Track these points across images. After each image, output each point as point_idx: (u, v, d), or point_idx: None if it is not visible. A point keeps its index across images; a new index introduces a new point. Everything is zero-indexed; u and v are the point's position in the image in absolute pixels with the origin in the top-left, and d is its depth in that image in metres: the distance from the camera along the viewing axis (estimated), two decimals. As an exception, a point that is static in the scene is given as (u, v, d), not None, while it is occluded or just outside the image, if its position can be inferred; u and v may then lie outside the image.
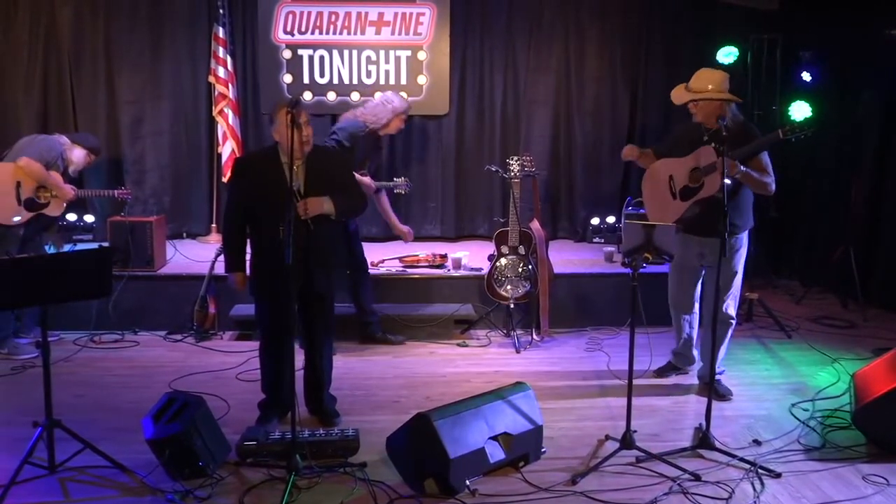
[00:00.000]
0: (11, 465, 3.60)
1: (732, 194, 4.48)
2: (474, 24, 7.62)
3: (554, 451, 4.04)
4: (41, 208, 5.45)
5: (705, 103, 4.60)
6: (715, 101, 4.56)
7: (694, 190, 4.61)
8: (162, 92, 7.41)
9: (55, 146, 5.59)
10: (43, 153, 5.47)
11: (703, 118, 4.65)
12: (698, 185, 4.59)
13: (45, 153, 5.48)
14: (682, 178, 4.67)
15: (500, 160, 6.97)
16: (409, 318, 6.02)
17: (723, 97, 4.57)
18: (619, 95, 7.68)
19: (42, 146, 5.54)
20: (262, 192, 4.08)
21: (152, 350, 5.72)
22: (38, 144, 5.55)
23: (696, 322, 5.05)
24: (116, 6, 7.26)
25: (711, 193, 4.48)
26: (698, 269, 4.86)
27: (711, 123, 4.59)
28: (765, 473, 3.80)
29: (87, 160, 5.80)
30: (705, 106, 4.61)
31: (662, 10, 7.64)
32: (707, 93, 4.59)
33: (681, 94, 4.71)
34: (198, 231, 7.64)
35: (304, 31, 7.44)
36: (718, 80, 4.61)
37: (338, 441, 3.91)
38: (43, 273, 3.68)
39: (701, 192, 4.57)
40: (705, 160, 4.52)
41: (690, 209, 4.64)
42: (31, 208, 5.40)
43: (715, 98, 4.56)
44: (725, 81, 4.63)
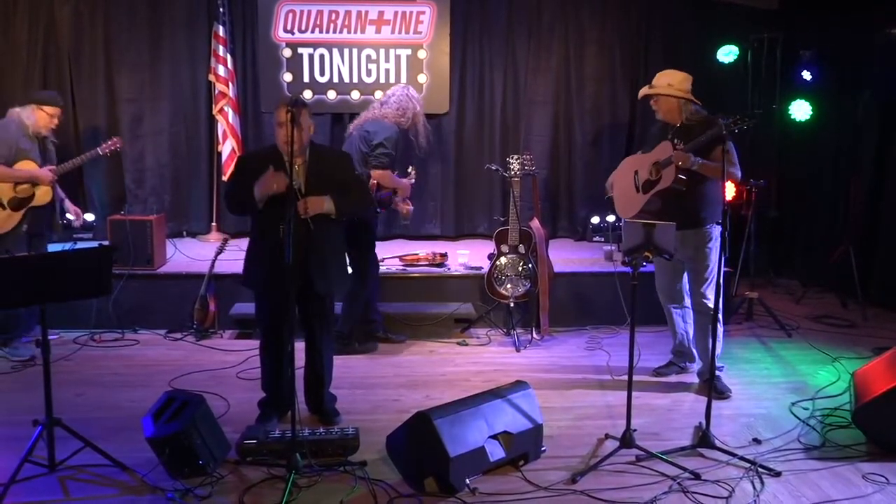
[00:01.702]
0: (11, 464, 3.60)
1: (696, 186, 4.64)
2: (474, 23, 7.63)
3: (554, 449, 4.04)
4: (29, 203, 5.28)
5: (664, 100, 4.79)
6: (672, 98, 4.74)
7: (653, 183, 4.77)
8: (162, 91, 7.42)
9: (2, 134, 5.26)
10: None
11: (663, 114, 4.84)
12: (657, 178, 4.74)
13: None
14: (644, 172, 4.84)
15: (500, 159, 6.98)
16: (409, 317, 6.02)
17: (679, 95, 4.73)
18: (619, 95, 7.69)
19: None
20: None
21: (152, 349, 5.72)
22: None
23: (691, 316, 5.07)
24: (115, 5, 7.27)
25: (667, 185, 4.64)
26: (678, 260, 4.89)
27: (673, 120, 4.80)
28: (765, 472, 3.80)
29: (44, 114, 5.35)
30: (664, 103, 4.79)
31: (662, 9, 7.65)
32: (664, 89, 4.75)
33: (644, 90, 4.90)
34: (198, 230, 7.64)
35: (305, 29, 7.44)
36: (679, 80, 4.79)
37: (338, 440, 3.91)
38: (43, 272, 3.67)
39: (658, 185, 4.72)
40: (663, 154, 4.69)
41: (652, 201, 4.77)
42: (19, 207, 5.25)
43: (671, 95, 4.73)
44: (686, 82, 4.79)
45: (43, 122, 5.35)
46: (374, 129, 5.36)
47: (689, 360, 5.19)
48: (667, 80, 4.78)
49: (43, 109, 5.33)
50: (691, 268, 4.87)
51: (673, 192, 4.61)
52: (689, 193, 4.64)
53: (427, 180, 7.74)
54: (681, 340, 5.14)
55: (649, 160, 4.78)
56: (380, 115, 5.46)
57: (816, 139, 7.46)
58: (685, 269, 4.93)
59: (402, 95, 5.56)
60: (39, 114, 5.32)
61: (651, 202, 4.77)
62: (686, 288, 5.01)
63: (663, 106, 4.81)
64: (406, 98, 5.54)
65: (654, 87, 4.80)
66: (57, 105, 5.42)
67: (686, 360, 5.19)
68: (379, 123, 5.40)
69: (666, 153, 4.65)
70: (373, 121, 5.43)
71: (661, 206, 4.72)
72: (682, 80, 4.77)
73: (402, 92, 5.60)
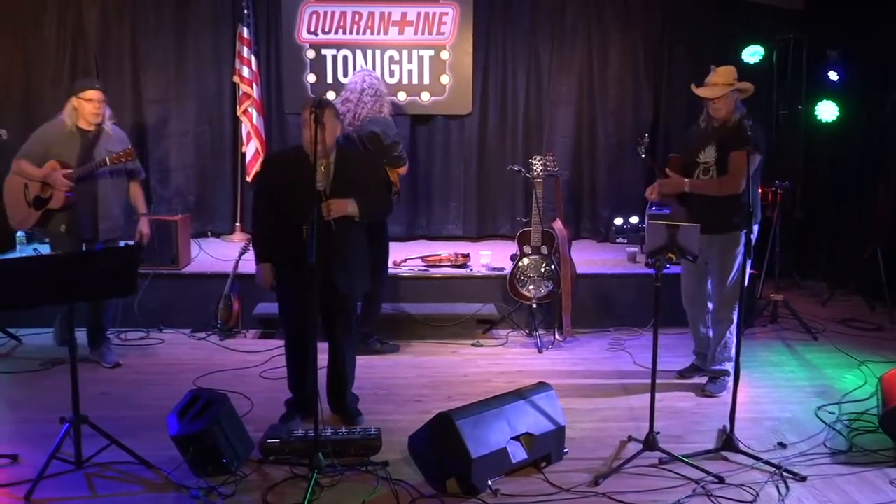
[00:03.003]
0: (39, 460, 3.65)
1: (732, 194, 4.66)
2: (497, 23, 7.62)
3: (576, 451, 4.03)
4: (46, 204, 5.05)
5: (728, 98, 4.70)
6: (735, 91, 4.71)
7: None
8: (187, 92, 7.47)
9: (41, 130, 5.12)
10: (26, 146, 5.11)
11: (724, 114, 4.74)
12: None
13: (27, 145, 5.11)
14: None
15: (523, 160, 6.96)
16: (431, 318, 6.02)
17: (741, 86, 4.72)
18: (643, 95, 7.64)
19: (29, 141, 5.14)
20: (288, 191, 4.10)
21: (177, 348, 5.77)
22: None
23: (712, 320, 5.05)
24: (142, 6, 7.33)
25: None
26: (704, 263, 4.87)
27: (728, 118, 4.74)
28: (790, 477, 3.76)
29: (84, 103, 5.00)
30: (727, 101, 4.71)
31: (686, 9, 7.60)
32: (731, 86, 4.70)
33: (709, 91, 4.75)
34: (222, 230, 7.69)
35: (328, 31, 7.47)
36: (733, 73, 4.76)
37: (360, 440, 3.92)
38: (70, 271, 3.72)
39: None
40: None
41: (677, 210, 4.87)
42: (39, 206, 5.07)
43: (736, 88, 4.71)
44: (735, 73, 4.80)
45: (87, 111, 5.02)
46: (382, 129, 5.26)
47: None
48: (727, 78, 4.71)
49: (82, 98, 5.00)
50: (715, 271, 4.84)
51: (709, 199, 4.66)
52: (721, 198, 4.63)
53: (450, 181, 7.75)
54: (702, 343, 5.11)
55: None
56: (375, 110, 5.33)
57: (843, 140, 7.38)
58: (709, 272, 4.90)
59: (371, 81, 5.41)
60: (80, 104, 5.01)
61: (677, 211, 4.84)
62: (709, 293, 4.98)
63: (725, 105, 4.71)
64: (377, 81, 5.45)
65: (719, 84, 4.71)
66: (92, 88, 5.06)
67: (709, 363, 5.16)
68: (382, 121, 5.33)
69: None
70: (372, 120, 5.30)
71: (689, 211, 4.73)
72: (734, 73, 4.74)
73: (369, 80, 5.43)
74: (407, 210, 7.68)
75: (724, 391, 4.82)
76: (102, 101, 5.06)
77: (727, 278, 4.79)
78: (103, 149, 5.05)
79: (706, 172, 4.77)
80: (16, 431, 4.27)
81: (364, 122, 5.28)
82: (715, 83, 4.73)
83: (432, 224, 7.83)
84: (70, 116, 5.03)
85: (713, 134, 4.78)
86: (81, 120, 5.03)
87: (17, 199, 5.13)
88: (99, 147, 5.06)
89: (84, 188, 5.01)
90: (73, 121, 5.03)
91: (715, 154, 4.72)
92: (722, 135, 4.72)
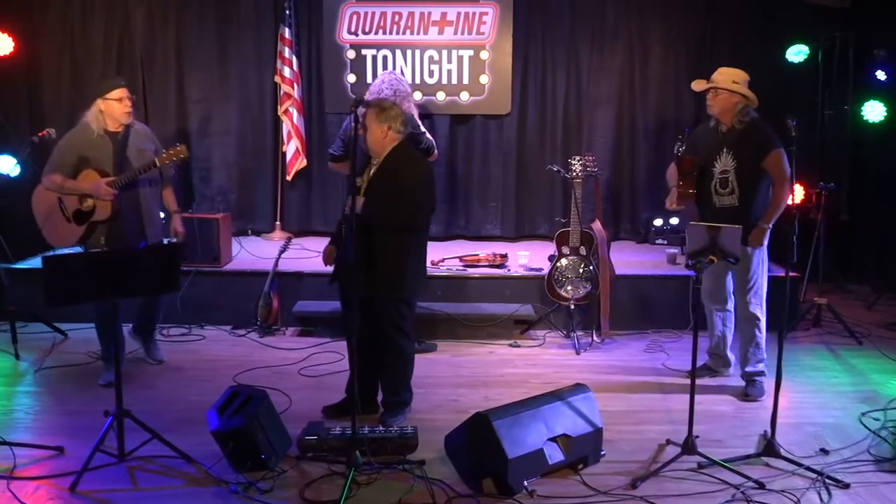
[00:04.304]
0: (84, 453, 3.73)
1: (751, 194, 4.64)
2: (537, 23, 7.59)
3: (613, 454, 4.01)
4: (90, 217, 4.83)
5: (725, 97, 4.67)
6: (734, 96, 4.64)
7: None
8: (229, 92, 7.58)
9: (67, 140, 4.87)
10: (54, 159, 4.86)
11: (718, 111, 4.73)
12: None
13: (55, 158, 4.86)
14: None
15: (562, 160, 6.92)
16: (468, 318, 6.03)
17: (744, 93, 4.64)
18: (684, 95, 7.55)
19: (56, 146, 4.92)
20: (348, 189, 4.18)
21: (218, 344, 5.85)
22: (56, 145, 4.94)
23: (731, 321, 5.00)
24: (186, 8, 7.45)
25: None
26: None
27: (725, 119, 4.71)
28: (832, 483, 3.69)
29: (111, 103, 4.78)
30: (724, 100, 4.68)
31: (729, 8, 7.50)
32: (728, 85, 4.65)
33: (702, 84, 4.79)
34: (262, 228, 7.78)
35: (368, 31, 7.51)
36: (742, 78, 4.69)
37: (397, 438, 3.94)
38: (114, 268, 3.80)
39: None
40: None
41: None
42: (82, 220, 4.85)
43: (738, 93, 4.63)
44: (747, 81, 4.70)
45: (116, 112, 4.79)
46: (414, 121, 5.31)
47: (723, 364, 5.12)
48: (731, 78, 4.67)
49: (109, 99, 4.77)
50: (735, 271, 4.77)
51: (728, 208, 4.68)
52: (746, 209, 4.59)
53: (488, 181, 7.74)
54: (717, 343, 5.08)
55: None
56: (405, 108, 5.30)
57: (891, 141, 7.22)
58: (729, 271, 4.84)
59: (390, 80, 5.46)
60: (108, 105, 4.78)
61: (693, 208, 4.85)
62: (730, 289, 4.93)
63: (721, 103, 4.69)
64: (397, 80, 5.49)
65: (718, 81, 4.69)
66: (119, 87, 4.82)
67: (721, 365, 5.12)
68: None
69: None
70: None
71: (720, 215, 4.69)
72: (744, 78, 4.68)
73: (388, 79, 5.49)
74: (445, 210, 7.69)
75: (765, 393, 4.75)
76: (131, 98, 4.88)
77: (749, 275, 4.73)
78: (134, 148, 4.89)
79: (724, 185, 4.68)
80: (61, 424, 4.37)
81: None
82: (712, 80, 4.71)
83: (471, 224, 7.83)
84: (96, 120, 4.80)
85: (723, 140, 4.72)
86: (110, 122, 4.82)
87: (52, 216, 4.89)
88: (130, 147, 4.88)
89: (127, 194, 4.83)
90: (99, 124, 4.80)
91: (734, 163, 4.65)
92: (737, 141, 4.65)
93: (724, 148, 4.69)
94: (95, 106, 4.80)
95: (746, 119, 4.66)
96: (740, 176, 4.64)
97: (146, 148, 4.96)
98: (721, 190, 4.71)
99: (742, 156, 4.63)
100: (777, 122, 4.56)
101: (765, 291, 4.83)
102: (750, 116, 4.68)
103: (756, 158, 4.60)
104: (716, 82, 4.70)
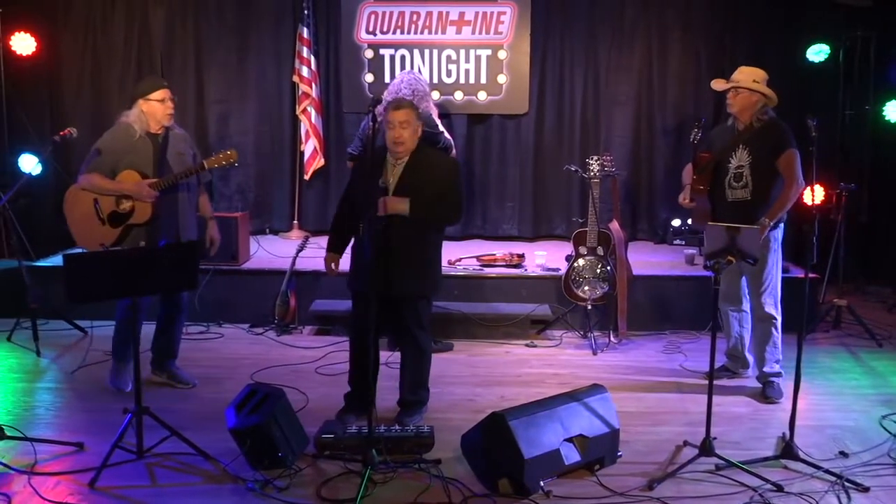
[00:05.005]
0: (103, 449, 3.76)
1: (764, 190, 4.61)
2: (555, 22, 7.58)
3: (630, 455, 3.99)
4: (127, 219, 4.65)
5: (744, 96, 4.64)
6: (754, 95, 4.61)
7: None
8: (248, 91, 7.62)
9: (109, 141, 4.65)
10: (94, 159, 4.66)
11: (737, 110, 4.71)
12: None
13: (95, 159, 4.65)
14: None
15: (580, 160, 6.91)
16: (485, 318, 6.02)
17: (764, 92, 4.62)
18: (704, 95, 7.51)
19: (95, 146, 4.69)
20: (359, 188, 4.18)
21: (235, 342, 5.88)
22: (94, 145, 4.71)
23: (748, 321, 4.98)
24: (205, 7, 7.51)
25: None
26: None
27: (744, 118, 4.69)
28: (852, 487, 3.66)
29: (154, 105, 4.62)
30: (744, 99, 4.65)
31: (748, 8, 7.45)
32: (749, 84, 4.62)
33: (722, 83, 4.77)
34: (280, 227, 7.82)
35: (386, 30, 7.53)
36: (762, 78, 4.66)
37: (413, 437, 3.95)
38: (134, 266, 3.83)
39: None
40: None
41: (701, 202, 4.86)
42: (118, 222, 4.66)
43: (759, 91, 4.61)
44: (766, 80, 4.67)
45: (159, 113, 4.62)
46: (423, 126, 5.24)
47: (742, 365, 5.09)
48: (752, 77, 4.65)
49: (151, 100, 4.60)
50: (749, 271, 4.74)
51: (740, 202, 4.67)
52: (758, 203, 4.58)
53: (506, 181, 7.74)
54: (734, 344, 5.05)
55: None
56: (423, 107, 5.32)
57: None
58: (743, 272, 4.81)
59: (409, 80, 5.45)
60: (150, 106, 4.60)
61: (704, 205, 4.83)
62: (745, 290, 4.89)
63: (741, 101, 4.67)
64: (416, 80, 5.47)
65: (738, 80, 4.67)
66: (161, 87, 4.66)
67: (740, 366, 5.09)
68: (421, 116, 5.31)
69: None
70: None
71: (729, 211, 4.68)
72: (763, 77, 4.67)
73: (406, 79, 5.48)
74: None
75: (783, 395, 4.73)
76: (173, 100, 4.70)
77: (763, 276, 4.70)
78: (174, 151, 4.73)
79: (738, 179, 4.66)
80: (82, 421, 4.41)
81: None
82: (733, 79, 4.69)
83: (488, 224, 7.83)
84: (139, 121, 4.61)
85: (739, 137, 4.70)
86: (152, 123, 4.63)
87: (86, 216, 4.67)
88: (170, 150, 4.72)
89: (165, 198, 4.65)
90: (141, 126, 4.61)
91: (749, 158, 4.64)
92: (754, 138, 4.63)
93: (740, 144, 4.68)
94: (137, 107, 4.62)
95: (765, 118, 4.66)
96: (755, 171, 4.63)
97: (185, 152, 4.81)
98: (735, 184, 4.69)
99: (758, 152, 4.62)
100: (797, 122, 4.56)
101: (779, 291, 4.80)
102: (768, 115, 4.67)
103: (771, 156, 4.59)
104: (736, 81, 4.68)
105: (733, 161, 4.70)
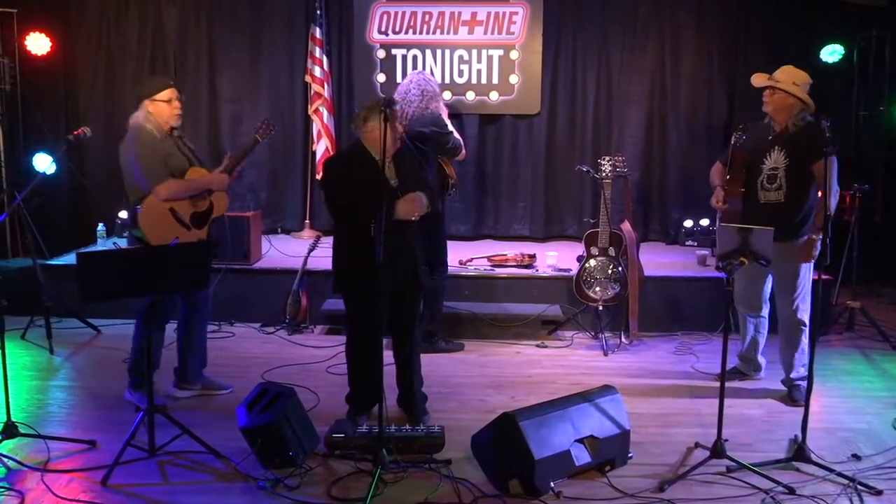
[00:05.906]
0: (116, 447, 3.78)
1: (798, 193, 4.56)
2: (567, 23, 7.58)
3: (641, 456, 3.98)
4: (210, 215, 4.57)
5: (782, 97, 4.56)
6: (791, 96, 4.53)
7: None
8: (261, 91, 7.65)
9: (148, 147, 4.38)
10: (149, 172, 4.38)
11: (773, 110, 4.63)
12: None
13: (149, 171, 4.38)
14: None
15: (592, 160, 6.90)
16: (496, 318, 6.02)
17: (800, 96, 4.54)
18: (716, 95, 7.50)
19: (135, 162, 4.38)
20: (358, 189, 4.09)
21: (247, 341, 5.90)
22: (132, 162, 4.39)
23: (765, 327, 4.93)
24: (218, 7, 7.55)
25: None
26: (764, 267, 4.73)
27: (780, 119, 4.61)
28: (864, 490, 3.64)
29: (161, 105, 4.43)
30: (781, 99, 4.57)
31: (761, 7, 7.42)
32: (788, 86, 4.55)
33: (762, 78, 4.67)
34: (292, 227, 7.84)
35: (398, 30, 7.54)
36: (802, 80, 4.59)
37: (424, 437, 3.95)
38: (147, 265, 3.85)
39: None
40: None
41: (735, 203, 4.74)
42: (202, 222, 4.55)
43: (795, 95, 4.53)
44: (807, 85, 4.59)
45: (167, 113, 4.44)
46: (430, 128, 5.23)
47: (754, 369, 5.06)
48: (792, 79, 4.56)
49: (158, 100, 4.41)
50: (780, 276, 4.70)
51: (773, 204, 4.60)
52: (791, 206, 4.52)
53: (517, 181, 7.73)
54: (748, 348, 5.01)
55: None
56: (422, 107, 5.28)
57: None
58: (768, 276, 4.77)
59: (418, 80, 5.40)
60: (156, 107, 4.42)
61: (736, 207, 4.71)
62: (766, 296, 4.85)
63: (778, 102, 4.58)
64: (425, 80, 5.42)
65: (779, 80, 4.58)
66: (167, 86, 4.47)
67: (752, 369, 5.06)
68: (430, 118, 5.27)
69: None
70: (418, 119, 5.24)
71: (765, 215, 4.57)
72: (805, 81, 4.58)
73: (416, 79, 5.43)
74: (474, 210, 7.70)
75: None
76: (181, 99, 4.52)
77: (797, 281, 4.65)
78: (188, 146, 4.62)
79: (772, 181, 4.60)
80: (94, 419, 4.44)
81: (412, 121, 5.25)
82: (774, 77, 4.60)
83: (499, 224, 7.83)
84: (148, 122, 4.41)
85: (776, 138, 4.63)
86: (161, 124, 4.44)
87: (171, 228, 4.40)
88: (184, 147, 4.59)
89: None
90: (155, 125, 4.42)
91: (786, 161, 4.56)
92: (791, 140, 4.57)
93: (776, 145, 4.60)
94: (143, 108, 4.43)
95: (802, 123, 4.57)
96: (790, 174, 4.56)
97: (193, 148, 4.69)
98: (768, 185, 4.62)
99: (794, 155, 4.54)
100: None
101: (810, 297, 4.75)
102: (806, 120, 4.58)
103: (808, 160, 4.49)
104: (776, 81, 4.58)
105: (767, 162, 4.63)
